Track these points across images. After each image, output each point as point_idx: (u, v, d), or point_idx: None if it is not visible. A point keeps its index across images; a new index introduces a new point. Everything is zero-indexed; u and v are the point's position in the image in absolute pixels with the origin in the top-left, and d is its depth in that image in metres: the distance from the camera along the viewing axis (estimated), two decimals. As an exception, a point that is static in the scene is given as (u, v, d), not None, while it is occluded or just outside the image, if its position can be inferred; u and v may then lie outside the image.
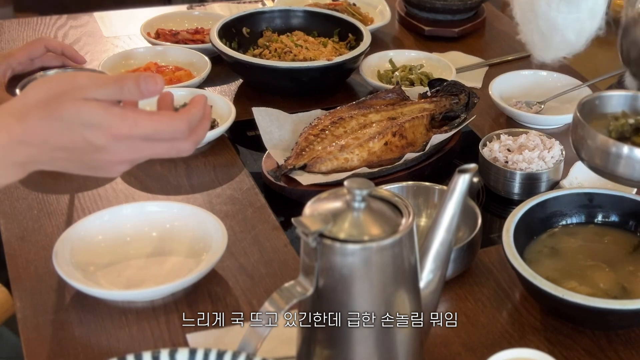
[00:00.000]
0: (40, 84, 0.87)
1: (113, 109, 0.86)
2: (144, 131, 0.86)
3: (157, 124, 0.87)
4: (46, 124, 0.84)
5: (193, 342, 1.05)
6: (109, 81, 0.87)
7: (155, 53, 1.72)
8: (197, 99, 0.92)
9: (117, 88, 0.86)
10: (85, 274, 1.11)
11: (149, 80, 0.87)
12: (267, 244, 1.23)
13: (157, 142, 0.88)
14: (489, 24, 1.98)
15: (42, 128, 0.84)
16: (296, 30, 1.75)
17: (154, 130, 0.87)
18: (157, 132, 0.87)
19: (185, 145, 0.90)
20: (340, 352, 0.88)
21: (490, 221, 1.30)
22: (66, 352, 1.03)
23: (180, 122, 0.88)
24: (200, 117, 0.91)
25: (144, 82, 0.86)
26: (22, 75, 1.57)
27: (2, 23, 1.94)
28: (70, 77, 0.88)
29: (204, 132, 0.92)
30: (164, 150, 0.89)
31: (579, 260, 1.13)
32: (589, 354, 1.04)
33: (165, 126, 0.87)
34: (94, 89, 0.85)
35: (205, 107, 0.92)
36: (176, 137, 0.89)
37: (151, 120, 0.87)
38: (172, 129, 0.88)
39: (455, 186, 0.90)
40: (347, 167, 1.33)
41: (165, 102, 0.91)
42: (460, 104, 1.45)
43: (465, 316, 1.10)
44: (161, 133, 0.88)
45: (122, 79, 0.87)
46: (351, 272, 0.84)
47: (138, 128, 0.86)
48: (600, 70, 1.70)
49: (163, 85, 0.88)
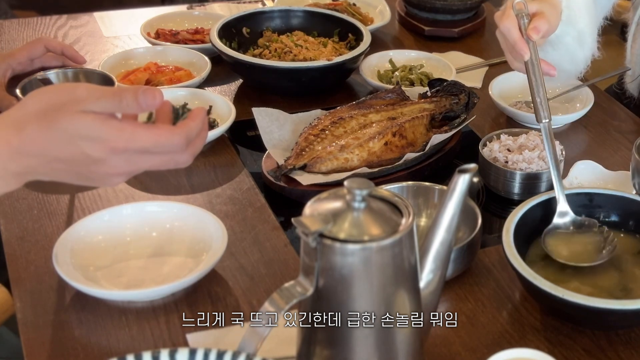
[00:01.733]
0: (39, 94, 0.87)
1: (111, 122, 0.86)
2: (142, 145, 0.86)
3: (156, 137, 0.87)
4: (44, 135, 0.84)
5: (193, 342, 1.05)
6: (107, 94, 0.87)
7: (155, 53, 1.72)
8: (197, 112, 0.92)
9: (115, 101, 0.86)
10: (85, 274, 1.11)
11: (148, 94, 0.87)
12: (267, 244, 1.23)
13: (155, 155, 0.88)
14: (489, 24, 1.98)
15: (39, 139, 0.85)
16: (296, 30, 1.75)
17: (152, 144, 0.87)
18: (155, 146, 0.87)
19: (183, 157, 0.90)
20: (340, 352, 0.88)
21: (490, 221, 1.30)
22: (66, 352, 1.03)
23: (178, 136, 0.88)
24: (199, 130, 0.91)
25: (142, 95, 0.87)
26: (22, 75, 1.57)
27: (2, 23, 1.94)
28: (69, 88, 0.88)
29: (202, 143, 0.92)
30: (162, 163, 0.90)
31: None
32: (589, 354, 1.04)
33: (164, 140, 0.87)
34: (92, 101, 0.85)
35: (204, 120, 0.92)
36: (174, 151, 0.89)
37: (149, 134, 0.87)
38: (170, 143, 0.88)
39: (455, 186, 0.90)
40: (347, 167, 1.34)
41: (163, 113, 0.91)
42: (460, 104, 1.45)
43: (465, 316, 1.10)
44: (159, 147, 0.88)
45: (120, 92, 0.87)
46: (351, 272, 0.84)
47: (136, 142, 0.86)
48: (600, 70, 1.70)
49: (162, 99, 0.88)
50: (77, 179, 0.90)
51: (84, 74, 1.57)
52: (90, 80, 1.57)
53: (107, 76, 1.54)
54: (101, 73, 1.56)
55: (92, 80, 1.56)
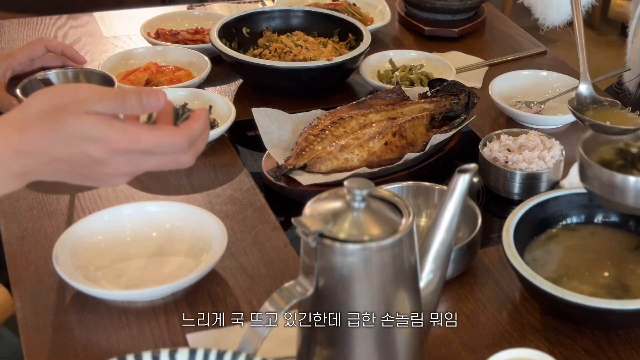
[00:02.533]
0: (41, 95, 0.87)
1: (114, 123, 0.85)
2: (145, 146, 0.86)
3: (158, 139, 0.87)
4: (46, 136, 0.84)
5: (193, 342, 1.05)
6: (110, 95, 0.87)
7: (155, 53, 1.72)
8: (199, 112, 0.91)
9: (119, 102, 0.86)
10: (85, 274, 1.11)
11: (152, 95, 0.87)
12: (267, 244, 1.23)
13: (157, 156, 0.88)
14: (489, 24, 1.98)
15: (41, 140, 0.85)
16: (296, 30, 1.75)
17: (155, 145, 0.87)
18: (158, 147, 0.87)
19: (185, 157, 0.90)
20: (340, 352, 0.88)
21: (490, 221, 1.30)
22: (66, 352, 1.03)
23: (181, 137, 0.88)
24: (202, 131, 0.90)
25: (146, 97, 0.86)
26: (22, 75, 1.57)
27: (2, 23, 1.94)
28: (71, 89, 0.87)
29: (204, 143, 0.92)
30: (164, 163, 0.89)
31: (579, 260, 1.13)
32: (589, 354, 1.04)
33: (167, 141, 0.87)
34: (95, 102, 0.85)
35: (206, 121, 0.92)
36: (177, 151, 0.89)
37: (152, 135, 0.87)
38: (173, 144, 0.88)
39: (455, 186, 0.90)
40: (347, 167, 1.33)
41: (165, 113, 0.91)
42: (460, 104, 1.45)
43: (465, 316, 1.10)
44: (162, 148, 0.87)
45: (124, 93, 0.87)
46: (351, 272, 0.84)
47: (139, 143, 0.86)
48: (600, 70, 1.70)
49: (165, 100, 0.88)
50: (79, 180, 0.90)
51: (84, 74, 1.57)
52: (90, 80, 1.57)
53: (107, 76, 1.54)
54: (101, 73, 1.56)
55: (92, 80, 1.56)
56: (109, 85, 1.52)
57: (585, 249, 1.15)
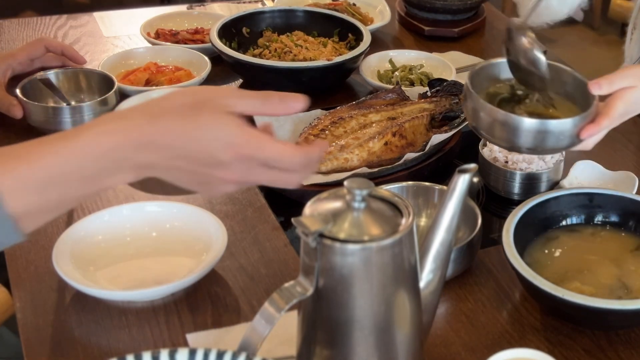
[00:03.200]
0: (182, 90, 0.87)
1: (245, 127, 0.85)
2: (267, 156, 0.85)
3: (281, 153, 0.86)
4: (179, 127, 0.83)
5: (193, 342, 1.05)
6: (251, 93, 0.87)
7: (155, 53, 1.72)
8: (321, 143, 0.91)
9: (260, 100, 0.87)
10: (85, 274, 1.11)
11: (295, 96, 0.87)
12: (267, 244, 1.23)
13: (273, 170, 0.87)
14: (489, 24, 1.98)
15: (173, 131, 0.83)
16: (296, 30, 1.75)
17: (276, 158, 0.86)
18: (278, 160, 0.86)
19: (294, 177, 0.88)
20: (340, 352, 0.88)
21: (490, 221, 1.30)
22: (66, 352, 1.03)
23: (300, 157, 0.87)
24: (318, 158, 0.90)
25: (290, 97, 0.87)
26: (22, 75, 1.57)
27: (2, 23, 1.94)
28: (213, 87, 0.88)
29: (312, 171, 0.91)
30: (276, 178, 0.88)
31: (579, 260, 1.13)
32: (589, 354, 1.04)
33: (288, 156, 0.86)
34: (236, 99, 0.85)
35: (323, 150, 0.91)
36: (291, 169, 0.88)
37: (276, 148, 0.86)
38: (292, 162, 0.87)
39: (455, 186, 0.90)
40: (347, 167, 1.34)
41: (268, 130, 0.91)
42: (460, 104, 1.45)
43: (465, 316, 1.10)
44: (281, 162, 0.86)
45: (265, 93, 0.87)
46: (351, 272, 0.84)
47: (262, 152, 0.85)
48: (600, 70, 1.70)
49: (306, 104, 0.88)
50: (191, 182, 0.88)
51: (84, 74, 1.57)
52: (90, 80, 1.57)
53: (107, 76, 1.54)
54: (101, 73, 1.56)
55: (92, 80, 1.57)
56: (108, 85, 1.52)
57: (586, 249, 1.15)
